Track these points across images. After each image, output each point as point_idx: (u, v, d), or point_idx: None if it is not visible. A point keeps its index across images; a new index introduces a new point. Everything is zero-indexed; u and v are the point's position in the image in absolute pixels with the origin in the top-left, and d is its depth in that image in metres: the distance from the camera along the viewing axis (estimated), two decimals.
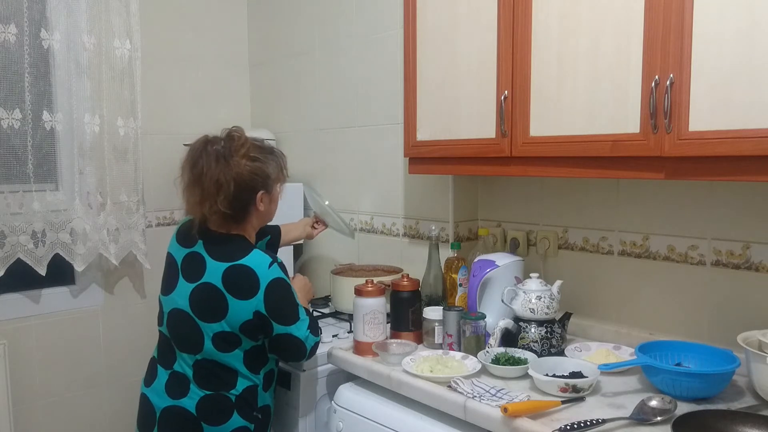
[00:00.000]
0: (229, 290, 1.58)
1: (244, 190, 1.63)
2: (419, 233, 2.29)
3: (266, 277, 1.58)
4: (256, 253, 1.62)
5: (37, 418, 2.43)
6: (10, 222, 2.25)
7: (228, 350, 1.62)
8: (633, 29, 1.40)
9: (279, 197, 1.75)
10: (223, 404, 1.63)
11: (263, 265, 1.60)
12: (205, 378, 1.63)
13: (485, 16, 1.70)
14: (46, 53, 2.30)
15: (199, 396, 1.63)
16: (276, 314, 1.60)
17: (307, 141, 2.76)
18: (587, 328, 1.89)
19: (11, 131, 2.23)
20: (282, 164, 1.73)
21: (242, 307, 1.58)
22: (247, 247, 1.64)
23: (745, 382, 1.48)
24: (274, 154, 1.72)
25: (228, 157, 1.61)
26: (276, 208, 1.76)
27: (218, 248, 1.63)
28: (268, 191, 1.68)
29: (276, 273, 1.61)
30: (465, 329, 1.73)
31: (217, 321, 1.59)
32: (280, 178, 1.72)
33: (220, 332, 1.60)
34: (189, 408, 1.62)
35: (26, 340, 2.39)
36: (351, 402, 1.72)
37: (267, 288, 1.58)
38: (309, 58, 2.71)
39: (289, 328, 1.61)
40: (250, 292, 1.57)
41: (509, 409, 1.32)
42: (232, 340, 1.61)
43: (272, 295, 1.58)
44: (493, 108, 1.70)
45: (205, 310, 1.61)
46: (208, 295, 1.60)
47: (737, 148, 1.25)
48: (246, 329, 1.60)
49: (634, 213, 1.79)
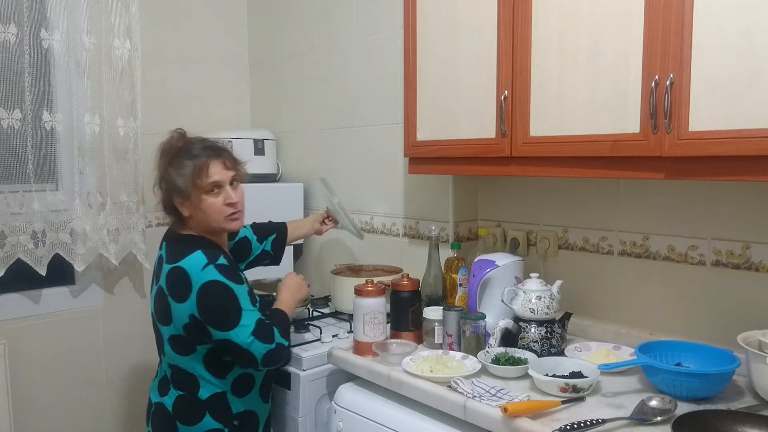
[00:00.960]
0: (170, 292, 1.59)
1: (164, 192, 1.67)
2: (419, 233, 2.29)
3: (199, 280, 1.55)
4: (195, 255, 1.58)
5: (37, 418, 2.43)
6: (10, 222, 2.25)
7: (185, 353, 1.62)
8: (633, 29, 1.40)
9: (204, 204, 1.63)
10: (194, 405, 1.65)
11: (197, 266, 1.56)
12: (176, 380, 1.67)
13: (485, 15, 1.70)
14: (46, 53, 2.30)
15: (175, 395, 1.67)
16: (210, 318, 1.56)
17: (307, 141, 2.76)
18: (587, 328, 1.89)
19: (11, 131, 2.23)
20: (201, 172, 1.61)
21: (180, 310, 1.57)
22: (193, 247, 1.60)
23: (745, 382, 1.48)
24: (192, 162, 1.62)
25: (159, 158, 1.68)
26: (207, 215, 1.64)
27: (172, 249, 1.65)
28: (186, 198, 1.63)
29: (210, 275, 1.55)
30: (465, 329, 1.73)
31: (167, 324, 1.61)
32: (199, 186, 1.62)
33: (173, 336, 1.62)
34: (168, 406, 1.67)
35: (26, 340, 2.39)
36: (351, 402, 1.72)
37: (199, 291, 1.55)
38: (309, 58, 2.71)
39: (227, 334, 1.55)
40: (185, 294, 1.56)
41: (509, 409, 1.32)
42: (185, 344, 1.61)
43: (204, 298, 1.55)
44: (493, 108, 1.70)
45: (159, 313, 1.64)
46: (159, 297, 1.63)
47: (737, 148, 1.25)
48: (189, 332, 1.59)
49: (634, 213, 1.79)
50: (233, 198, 1.66)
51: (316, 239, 2.74)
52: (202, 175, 1.62)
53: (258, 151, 2.66)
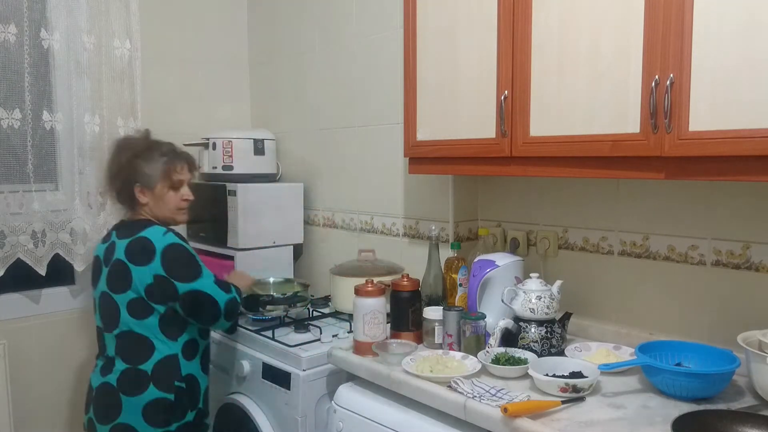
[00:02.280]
0: (130, 260, 1.77)
1: (123, 180, 1.87)
2: (419, 233, 2.29)
3: (162, 243, 1.77)
4: (153, 227, 1.82)
5: (37, 418, 2.43)
6: (10, 222, 2.25)
7: (142, 317, 1.77)
8: (633, 29, 1.40)
9: (166, 197, 1.90)
10: (139, 377, 1.77)
11: (158, 233, 1.79)
12: (125, 351, 1.79)
13: (485, 15, 1.70)
14: (46, 53, 2.30)
15: (120, 371, 1.78)
16: (175, 273, 1.76)
17: (307, 141, 2.76)
18: (587, 328, 1.89)
19: (11, 131, 2.23)
20: (173, 169, 1.90)
21: (143, 272, 1.75)
22: (149, 224, 1.84)
23: (745, 382, 1.48)
24: (167, 158, 1.90)
25: (119, 150, 1.92)
26: (165, 204, 1.90)
27: (125, 230, 1.85)
28: (147, 186, 1.87)
29: (171, 239, 1.79)
30: (465, 329, 1.73)
31: (125, 290, 1.77)
32: (166, 179, 1.89)
33: (131, 300, 1.77)
34: (111, 382, 1.78)
35: (26, 340, 2.39)
36: (351, 402, 1.72)
37: (163, 251, 1.76)
38: (309, 58, 2.71)
39: (192, 284, 1.77)
40: (148, 257, 1.75)
41: (509, 409, 1.32)
42: (143, 306, 1.77)
43: (168, 256, 1.76)
44: (493, 108, 1.70)
45: (116, 283, 1.80)
46: (116, 269, 1.80)
47: (737, 148, 1.25)
48: (150, 293, 1.76)
49: (634, 213, 1.79)
50: (190, 196, 1.97)
51: (316, 239, 2.74)
52: (174, 172, 1.91)
53: (258, 151, 2.66)
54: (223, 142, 2.60)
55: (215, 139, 2.62)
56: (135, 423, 1.76)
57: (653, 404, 1.40)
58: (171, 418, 1.80)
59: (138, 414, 1.76)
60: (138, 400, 1.76)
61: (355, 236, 2.55)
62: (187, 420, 1.83)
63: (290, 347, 1.95)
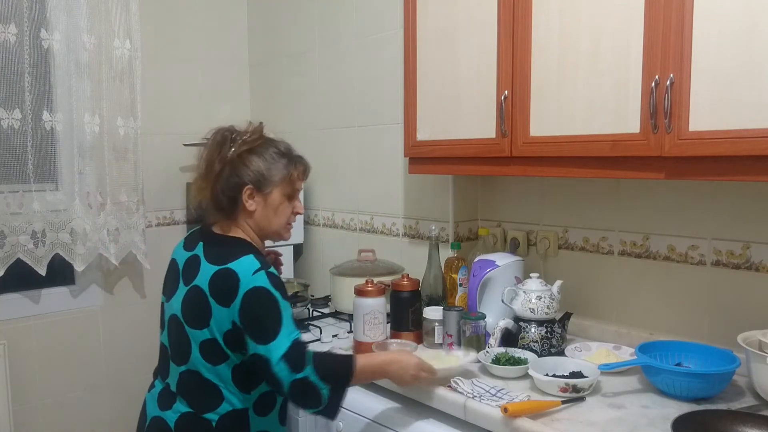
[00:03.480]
0: (213, 294, 1.44)
1: (231, 176, 1.51)
2: (419, 233, 2.29)
3: (247, 284, 1.41)
4: (247, 257, 1.45)
5: (37, 418, 2.43)
6: (10, 222, 2.25)
7: (216, 363, 1.46)
8: (633, 29, 1.40)
9: (280, 207, 1.57)
10: (200, 426, 1.47)
11: (249, 270, 1.43)
12: (189, 393, 1.50)
13: (485, 15, 1.70)
14: (46, 53, 2.30)
15: (180, 412, 1.49)
16: (250, 325, 1.41)
17: (307, 141, 2.76)
18: (587, 328, 1.89)
19: (11, 131, 2.23)
20: (293, 174, 1.58)
21: (223, 314, 1.43)
22: (244, 251, 1.48)
23: (745, 382, 1.48)
24: (287, 159, 1.57)
25: (231, 142, 1.52)
26: (276, 217, 1.57)
27: (215, 250, 1.51)
28: (260, 190, 1.53)
29: (260, 281, 1.42)
30: (465, 329, 1.73)
31: (202, 328, 1.46)
32: (285, 185, 1.56)
33: (206, 340, 1.46)
34: (169, 422, 1.50)
35: (26, 340, 2.39)
36: (351, 402, 1.72)
37: (245, 295, 1.41)
38: (309, 57, 2.71)
39: (260, 348, 1.39)
40: (230, 297, 1.42)
41: (509, 409, 1.32)
42: (219, 352, 1.45)
43: (248, 303, 1.41)
44: (493, 108, 1.70)
45: (192, 316, 1.48)
46: (196, 298, 1.47)
47: (737, 148, 1.25)
48: (228, 340, 1.44)
49: (634, 213, 1.79)
50: (302, 210, 1.65)
51: (316, 239, 2.74)
52: (296, 179, 1.59)
53: None
54: None
55: None
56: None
57: (653, 404, 1.40)
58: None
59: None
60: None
61: (355, 236, 2.55)
62: None
63: None
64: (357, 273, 2.18)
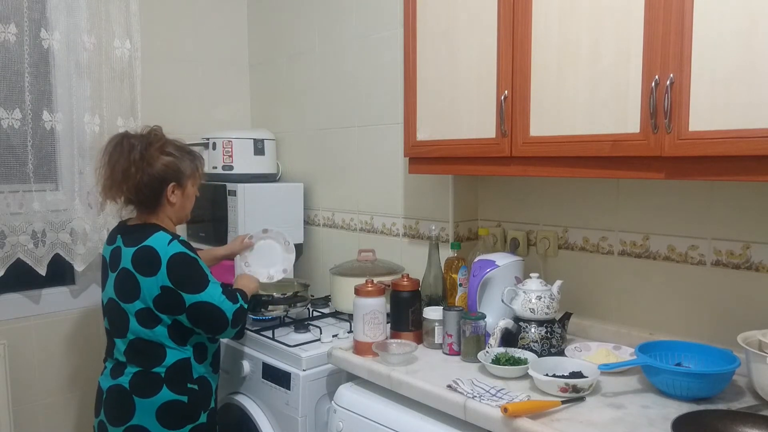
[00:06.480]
0: (137, 270, 1.72)
1: (154, 179, 1.76)
2: (419, 233, 2.29)
3: (166, 253, 1.71)
4: (158, 234, 1.74)
5: (37, 418, 2.43)
6: (10, 222, 2.25)
7: (151, 326, 1.74)
8: (633, 29, 1.40)
9: (192, 196, 1.89)
10: (152, 379, 1.74)
11: (163, 242, 1.72)
12: (136, 356, 1.76)
13: (485, 15, 1.70)
14: (46, 53, 2.30)
15: (131, 373, 1.75)
16: (181, 284, 1.70)
17: (307, 141, 2.76)
18: (587, 328, 1.89)
19: (11, 131, 2.23)
20: (197, 165, 1.87)
21: (150, 283, 1.71)
22: (154, 230, 1.76)
23: (745, 382, 1.48)
24: (190, 154, 1.86)
25: (142, 149, 1.76)
26: (191, 204, 1.90)
27: (131, 236, 1.78)
28: (180, 185, 1.82)
29: (176, 248, 1.72)
30: (465, 329, 1.73)
31: (134, 300, 1.73)
32: (195, 176, 1.87)
33: (140, 310, 1.73)
34: (124, 384, 1.75)
35: (26, 340, 2.39)
36: (351, 402, 1.72)
37: (168, 262, 1.70)
38: (309, 58, 2.71)
39: (200, 296, 1.71)
40: (154, 268, 1.70)
41: (509, 409, 1.32)
42: (152, 317, 1.73)
43: (174, 267, 1.70)
44: (493, 108, 1.70)
45: (123, 292, 1.76)
46: (124, 278, 1.75)
47: (737, 148, 1.25)
48: (159, 304, 1.71)
49: (634, 213, 1.79)
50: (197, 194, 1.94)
51: (316, 239, 2.74)
52: (201, 170, 1.89)
53: (258, 151, 2.67)
54: (223, 142, 2.61)
55: (215, 139, 2.63)
56: (149, 425, 1.73)
57: (653, 404, 1.41)
58: (185, 420, 1.77)
59: (152, 416, 1.73)
60: (151, 402, 1.73)
61: (355, 236, 2.56)
62: (200, 421, 1.81)
63: (290, 347, 1.95)
64: (357, 273, 2.18)
